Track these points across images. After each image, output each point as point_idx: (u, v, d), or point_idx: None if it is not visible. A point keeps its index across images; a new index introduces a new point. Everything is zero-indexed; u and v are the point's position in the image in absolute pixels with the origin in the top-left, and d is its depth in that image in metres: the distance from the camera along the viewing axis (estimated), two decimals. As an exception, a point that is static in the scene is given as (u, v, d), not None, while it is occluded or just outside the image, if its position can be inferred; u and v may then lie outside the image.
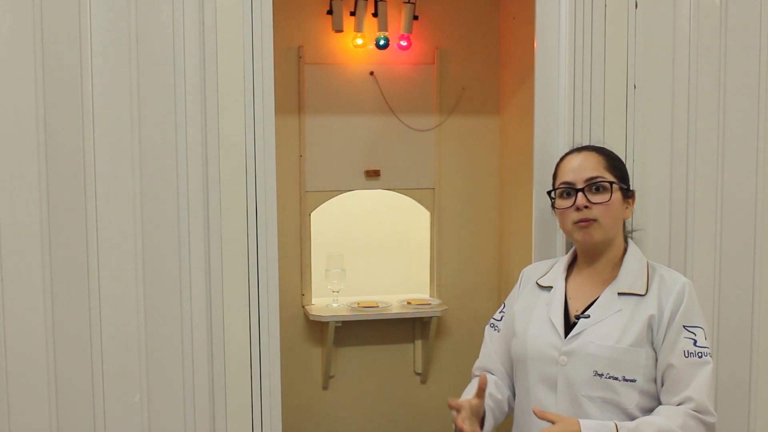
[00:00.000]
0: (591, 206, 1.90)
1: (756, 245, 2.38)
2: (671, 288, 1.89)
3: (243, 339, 2.13)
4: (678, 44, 2.31)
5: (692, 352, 1.83)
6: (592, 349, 1.86)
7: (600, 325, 1.88)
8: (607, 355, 1.84)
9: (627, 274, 1.93)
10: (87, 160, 2.02)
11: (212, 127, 2.08)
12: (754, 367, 2.39)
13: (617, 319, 1.88)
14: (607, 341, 1.85)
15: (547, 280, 2.04)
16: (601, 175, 1.92)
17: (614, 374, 1.84)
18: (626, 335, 1.85)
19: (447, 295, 3.85)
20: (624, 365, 1.84)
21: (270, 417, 2.16)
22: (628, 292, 1.91)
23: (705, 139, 2.34)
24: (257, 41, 2.09)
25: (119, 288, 2.06)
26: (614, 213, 1.92)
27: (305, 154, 3.64)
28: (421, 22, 3.69)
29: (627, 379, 1.84)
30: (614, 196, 1.91)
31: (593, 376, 1.85)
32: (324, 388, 3.80)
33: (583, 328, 1.89)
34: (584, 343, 1.87)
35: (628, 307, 1.89)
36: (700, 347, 1.84)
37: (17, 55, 1.96)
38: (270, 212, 2.13)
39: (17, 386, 2.02)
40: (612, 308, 1.90)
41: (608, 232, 1.92)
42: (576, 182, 1.92)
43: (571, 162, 1.97)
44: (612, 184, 1.91)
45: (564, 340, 1.89)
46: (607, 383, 1.84)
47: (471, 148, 3.84)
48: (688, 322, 1.86)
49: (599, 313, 1.90)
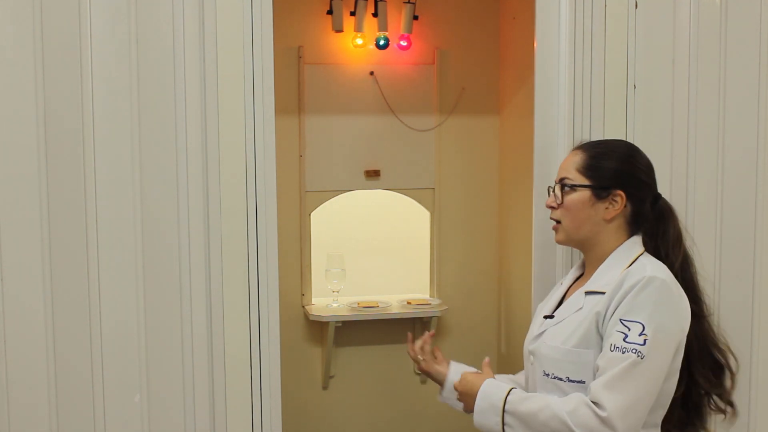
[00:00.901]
0: (556, 207, 1.92)
1: (756, 245, 2.38)
2: (627, 281, 1.78)
3: (243, 339, 2.13)
4: (678, 44, 2.31)
5: (618, 347, 1.72)
6: (544, 350, 1.87)
7: (559, 325, 1.87)
8: (551, 356, 1.85)
9: (602, 273, 1.87)
10: (87, 160, 2.02)
11: (212, 127, 2.08)
12: (754, 367, 2.39)
13: (573, 319, 1.85)
14: (554, 342, 1.85)
15: (565, 279, 2.07)
16: (568, 176, 1.90)
17: (558, 375, 1.83)
18: (574, 335, 1.82)
19: (447, 295, 3.85)
20: (567, 366, 1.81)
21: (270, 417, 2.16)
22: (594, 290, 1.85)
23: (705, 139, 2.34)
24: (257, 41, 2.09)
25: (119, 288, 2.06)
26: (573, 214, 1.88)
27: (305, 154, 3.64)
28: (421, 22, 3.69)
29: (572, 380, 1.80)
30: (572, 197, 1.88)
31: (543, 376, 1.87)
32: (324, 388, 3.80)
33: (544, 329, 1.91)
34: (540, 344, 1.89)
35: (587, 306, 1.83)
36: (628, 343, 1.71)
37: (17, 56, 1.96)
38: (270, 212, 2.13)
39: (17, 386, 2.02)
40: (574, 307, 1.87)
41: (570, 233, 1.91)
42: (555, 182, 1.95)
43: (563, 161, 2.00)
44: (572, 186, 1.88)
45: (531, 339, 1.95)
46: (554, 383, 1.84)
47: (471, 148, 3.84)
48: (627, 315, 1.74)
49: (562, 313, 1.90)
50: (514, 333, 3.77)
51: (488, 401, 1.85)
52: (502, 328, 3.91)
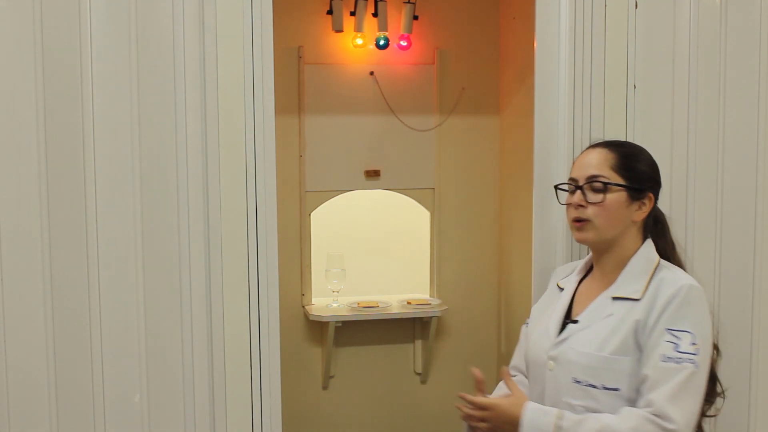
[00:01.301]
0: (587, 205, 1.86)
1: (756, 245, 2.38)
2: (666, 290, 1.79)
3: (243, 339, 2.13)
4: (678, 44, 2.31)
5: (670, 357, 1.72)
6: (572, 355, 1.81)
7: (586, 331, 1.83)
8: (585, 363, 1.79)
9: (627, 278, 1.86)
10: (87, 160, 2.02)
11: (212, 127, 2.08)
12: (754, 366, 2.39)
13: (605, 325, 1.81)
14: (587, 348, 1.80)
15: (564, 282, 2.01)
16: (603, 174, 1.86)
17: (593, 382, 1.78)
18: (609, 343, 1.79)
19: (447, 295, 3.85)
20: (604, 373, 1.78)
21: (270, 417, 2.16)
22: (623, 296, 1.83)
23: (705, 139, 2.34)
24: (257, 41, 2.09)
25: (119, 288, 2.06)
26: (610, 214, 1.85)
27: (305, 154, 3.64)
28: (421, 22, 3.69)
29: (608, 388, 1.77)
30: (611, 196, 1.84)
31: (572, 383, 1.80)
32: (324, 388, 3.80)
33: (569, 334, 1.85)
34: (566, 349, 1.83)
35: (619, 313, 1.81)
36: (682, 353, 1.72)
37: (17, 56, 1.96)
38: (270, 212, 2.13)
39: (17, 386, 2.02)
40: (602, 313, 1.84)
41: (603, 233, 1.86)
42: (579, 179, 1.89)
43: (581, 158, 1.93)
44: (608, 185, 1.85)
45: (552, 345, 1.87)
46: (586, 391, 1.79)
47: (471, 148, 3.84)
48: (674, 325, 1.74)
49: (588, 319, 1.85)
50: (514, 333, 3.75)
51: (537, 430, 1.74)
52: (502, 328, 3.91)
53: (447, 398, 3.87)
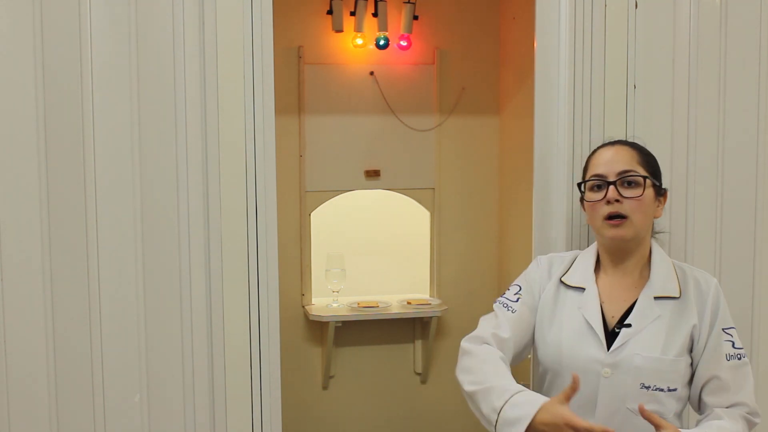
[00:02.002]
0: (622, 201, 1.82)
1: (756, 245, 2.38)
2: (706, 291, 1.86)
3: (243, 339, 2.13)
4: (678, 44, 2.31)
5: (733, 355, 1.83)
6: (639, 361, 1.79)
7: (643, 334, 1.82)
8: (653, 367, 1.79)
9: (658, 276, 1.88)
10: (87, 160, 2.02)
11: (212, 127, 2.08)
12: (754, 366, 2.39)
13: (658, 327, 1.83)
14: (652, 352, 1.80)
15: (574, 279, 1.93)
16: (634, 169, 1.85)
17: (660, 386, 1.80)
18: (671, 345, 1.81)
19: (447, 295, 3.85)
20: (669, 375, 1.80)
21: (270, 417, 2.16)
22: (664, 295, 1.86)
23: (705, 139, 2.33)
24: (257, 41, 2.09)
25: (119, 288, 2.06)
26: (646, 209, 1.85)
27: (305, 154, 3.64)
28: (421, 22, 3.69)
29: (671, 389, 1.81)
30: (647, 192, 1.84)
31: (640, 389, 1.79)
32: (324, 388, 3.80)
33: (626, 339, 1.81)
34: (630, 356, 1.80)
35: (665, 313, 1.84)
36: (738, 348, 1.84)
37: (17, 56, 1.96)
38: (270, 212, 2.13)
39: (17, 386, 2.02)
40: (651, 315, 1.84)
41: (639, 230, 1.85)
42: (608, 175, 1.85)
43: (603, 155, 1.91)
44: (645, 179, 1.84)
45: (607, 352, 1.81)
46: (653, 395, 1.79)
47: (471, 148, 3.84)
48: (725, 324, 1.85)
49: (640, 321, 1.83)
50: (514, 333, 3.76)
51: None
52: (502, 328, 3.91)
53: (447, 398, 3.87)
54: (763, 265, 2.39)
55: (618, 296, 1.89)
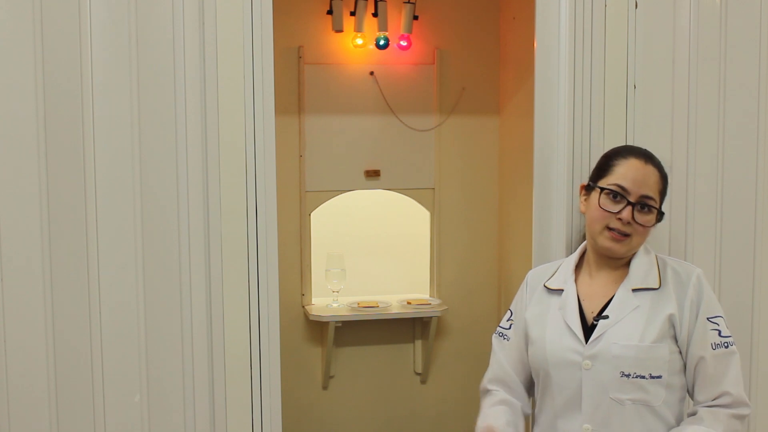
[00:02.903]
0: (633, 223, 1.88)
1: (756, 245, 2.38)
2: (686, 281, 1.89)
3: (243, 339, 2.13)
4: (678, 44, 2.31)
5: (719, 344, 1.85)
6: (617, 350, 1.84)
7: (620, 324, 1.86)
8: (632, 355, 1.83)
9: (638, 269, 1.92)
10: (87, 160, 2.02)
11: (212, 127, 2.08)
12: (754, 366, 2.39)
13: (636, 317, 1.87)
14: (630, 340, 1.84)
15: (555, 283, 2.00)
16: (654, 197, 1.90)
17: (641, 372, 1.83)
18: (648, 332, 1.85)
19: (447, 295, 3.85)
20: (650, 362, 1.84)
21: (270, 417, 2.16)
22: (643, 287, 1.90)
23: (705, 139, 2.33)
24: (257, 41, 2.09)
25: (119, 288, 2.06)
26: (644, 234, 1.91)
27: (305, 154, 3.64)
28: (421, 22, 3.69)
29: (653, 376, 1.84)
30: (649, 219, 1.90)
31: (620, 378, 1.83)
32: (324, 388, 3.80)
33: (604, 330, 1.87)
34: (607, 345, 1.85)
35: (645, 303, 1.88)
36: (725, 337, 1.86)
37: (17, 56, 1.96)
38: (270, 212, 2.13)
39: (17, 386, 2.02)
40: (629, 306, 1.88)
41: (634, 248, 1.92)
42: (632, 193, 1.88)
43: (633, 169, 1.91)
44: (658, 211, 1.91)
45: (585, 344, 1.87)
46: (635, 383, 1.83)
47: (471, 148, 3.84)
48: (710, 313, 1.87)
49: (617, 313, 1.88)
50: (514, 333, 3.76)
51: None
52: (502, 328, 3.91)
53: (447, 398, 3.87)
54: (764, 264, 2.39)
55: (597, 293, 1.95)
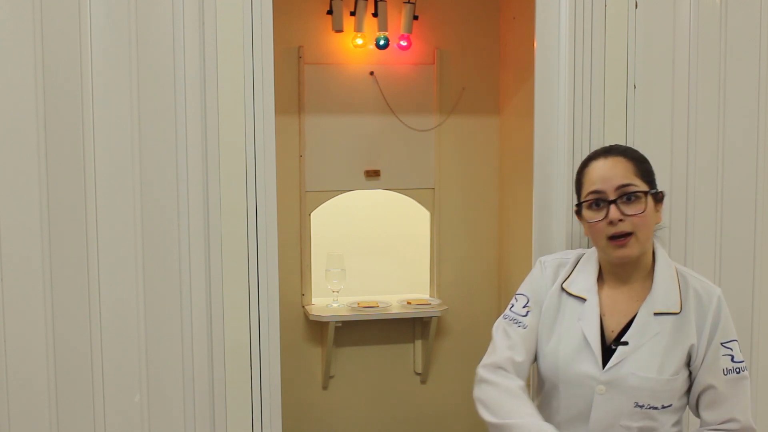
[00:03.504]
0: (625, 218, 1.76)
1: (756, 245, 2.38)
2: (707, 306, 1.81)
3: (243, 339, 2.13)
4: (678, 44, 2.31)
5: (731, 369, 1.80)
6: (634, 381, 1.77)
7: (640, 352, 1.79)
8: (649, 386, 1.78)
9: (660, 289, 1.83)
10: (87, 160, 2.02)
11: (212, 127, 2.08)
12: (754, 366, 2.39)
13: (656, 345, 1.80)
14: (648, 372, 1.78)
15: (576, 288, 1.88)
16: (633, 182, 1.78)
17: (654, 404, 1.79)
18: (667, 364, 1.79)
19: (447, 295, 3.84)
20: (664, 394, 1.79)
21: (270, 417, 2.16)
22: (664, 311, 1.81)
23: (705, 139, 2.34)
24: (257, 41, 2.09)
25: (119, 288, 2.06)
26: (649, 223, 1.79)
27: (305, 154, 3.64)
28: (421, 22, 3.69)
29: (665, 407, 1.80)
30: (648, 205, 1.78)
31: (633, 408, 1.78)
32: (324, 388, 3.80)
33: (622, 357, 1.79)
34: (626, 375, 1.78)
35: (665, 330, 1.80)
36: (737, 362, 1.81)
37: (17, 56, 1.96)
38: (270, 212, 2.13)
39: (17, 386, 2.02)
40: (649, 332, 1.80)
41: (645, 244, 1.80)
42: (607, 192, 1.78)
43: (597, 169, 1.82)
44: (646, 194, 1.78)
45: (602, 369, 1.79)
46: (647, 413, 1.79)
47: (471, 148, 3.84)
48: (724, 338, 1.81)
49: (638, 338, 1.80)
50: (514, 333, 3.76)
51: None
52: (502, 328, 3.90)
53: (447, 398, 3.87)
54: (764, 264, 2.39)
55: (619, 309, 1.85)
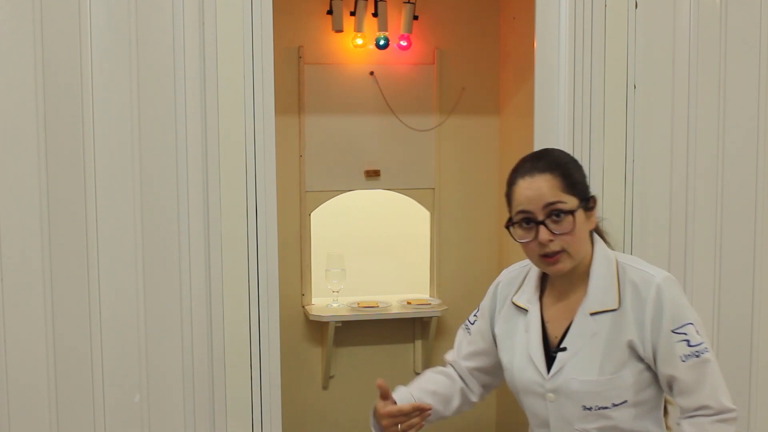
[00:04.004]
0: (555, 238, 1.71)
1: (756, 245, 2.38)
2: (645, 296, 1.72)
3: (243, 339, 2.13)
4: (678, 44, 2.31)
5: (689, 354, 1.71)
6: (576, 386, 1.76)
7: (579, 356, 1.77)
8: (591, 390, 1.75)
9: (596, 289, 1.78)
10: (87, 160, 2.02)
11: (212, 127, 2.08)
12: (754, 366, 2.39)
13: (595, 346, 1.76)
14: (588, 375, 1.75)
15: (521, 299, 1.88)
16: (561, 200, 1.72)
17: (603, 404, 1.76)
18: (607, 364, 1.75)
19: (447, 295, 3.85)
20: (611, 393, 1.75)
21: (270, 417, 2.16)
22: (600, 309, 1.76)
23: (705, 139, 2.34)
24: (257, 41, 2.09)
25: (119, 288, 2.06)
26: (580, 238, 1.74)
27: (305, 154, 3.64)
28: (421, 22, 3.69)
29: (616, 404, 1.76)
30: (578, 221, 1.72)
31: (583, 411, 1.77)
32: (324, 388, 3.80)
33: (562, 364, 1.77)
34: (567, 381, 1.76)
35: (603, 329, 1.76)
36: (695, 346, 1.71)
37: (17, 56, 1.96)
38: (270, 212, 2.13)
39: (17, 386, 2.02)
40: (587, 333, 1.77)
41: (578, 257, 1.75)
42: (535, 213, 1.73)
43: (524, 189, 1.77)
44: (573, 212, 1.72)
45: (545, 377, 1.79)
46: (599, 414, 1.76)
47: (471, 148, 3.84)
48: (674, 325, 1.71)
49: (575, 343, 1.78)
50: (514, 333, 3.76)
51: None
52: (502, 328, 3.91)
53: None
54: (764, 265, 2.39)
55: (560, 315, 1.84)
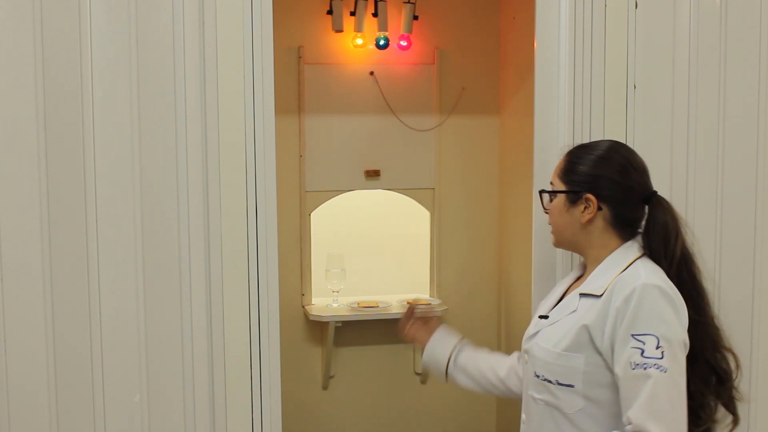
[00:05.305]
0: (546, 212, 1.96)
1: (756, 245, 2.38)
2: (620, 291, 1.74)
3: (243, 339, 2.13)
4: (678, 44, 2.31)
5: (638, 364, 1.67)
6: (535, 351, 1.87)
7: (553, 327, 1.86)
8: (543, 358, 1.84)
9: (597, 276, 1.84)
10: (87, 160, 2.02)
11: (212, 127, 2.08)
12: (754, 367, 2.39)
13: (567, 322, 1.82)
14: (546, 344, 1.84)
15: (566, 278, 2.08)
16: (553, 180, 1.94)
17: (548, 377, 1.82)
18: (563, 340, 1.80)
19: (447, 295, 3.85)
20: (557, 369, 1.79)
21: (270, 417, 2.16)
22: (587, 293, 1.82)
23: (705, 139, 2.34)
24: (257, 41, 2.09)
25: (119, 288, 2.06)
26: (556, 220, 1.92)
27: (305, 154, 3.64)
28: (421, 22, 3.69)
29: (562, 384, 1.79)
30: (554, 204, 1.92)
31: (534, 377, 1.87)
32: (324, 388, 3.80)
33: (538, 329, 1.91)
34: (533, 345, 1.89)
35: (581, 309, 1.81)
36: (647, 357, 1.67)
37: (17, 57, 1.96)
38: (270, 212, 2.13)
39: (17, 386, 2.02)
40: (568, 309, 1.85)
41: (557, 237, 1.94)
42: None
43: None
44: (548, 192, 1.93)
45: (526, 338, 1.95)
46: (544, 385, 1.83)
47: (471, 148, 3.84)
48: (637, 330, 1.69)
49: (555, 315, 1.89)
50: (514, 333, 3.76)
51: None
52: (502, 328, 3.91)
53: (447, 398, 3.87)
54: (764, 265, 2.39)
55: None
